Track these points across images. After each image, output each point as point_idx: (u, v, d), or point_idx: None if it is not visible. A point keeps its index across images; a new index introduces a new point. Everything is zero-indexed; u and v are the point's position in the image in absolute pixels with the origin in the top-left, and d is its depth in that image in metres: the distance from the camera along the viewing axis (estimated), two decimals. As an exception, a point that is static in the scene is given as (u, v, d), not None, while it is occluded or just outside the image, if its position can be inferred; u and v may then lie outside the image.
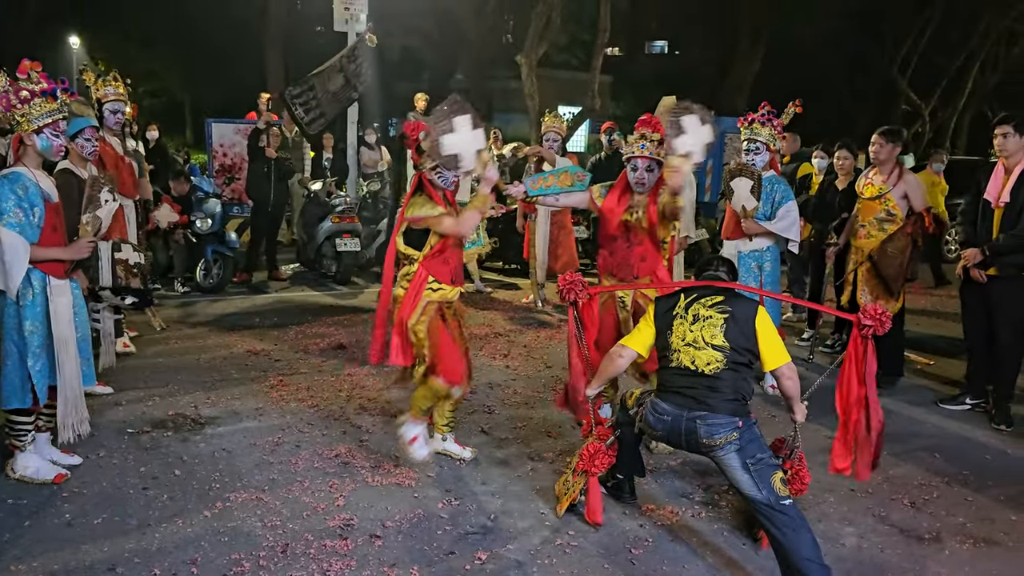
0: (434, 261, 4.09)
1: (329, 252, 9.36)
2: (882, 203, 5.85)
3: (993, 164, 5.36)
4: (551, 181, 4.63)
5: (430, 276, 4.10)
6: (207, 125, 11.70)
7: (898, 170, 5.85)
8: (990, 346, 5.44)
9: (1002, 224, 5.18)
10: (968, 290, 5.52)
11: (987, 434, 5.22)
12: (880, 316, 3.38)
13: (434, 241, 4.08)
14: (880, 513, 4.04)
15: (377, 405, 5.27)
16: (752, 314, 3.46)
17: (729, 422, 3.33)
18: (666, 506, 4.00)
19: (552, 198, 4.66)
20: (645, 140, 4.37)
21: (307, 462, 4.34)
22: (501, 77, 23.66)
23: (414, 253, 4.11)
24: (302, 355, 6.37)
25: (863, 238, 5.96)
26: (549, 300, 8.45)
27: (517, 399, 5.53)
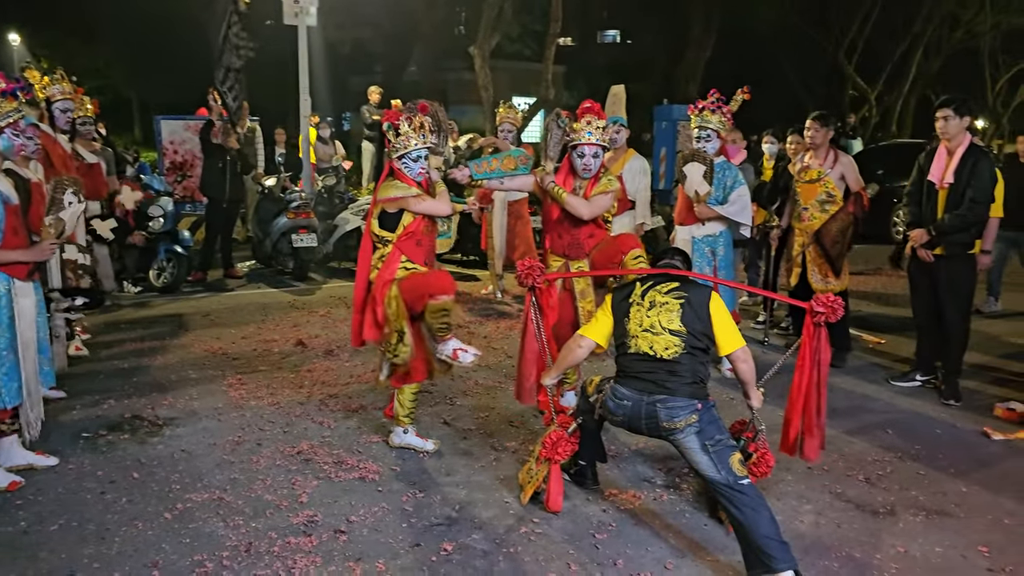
0: (407, 242, 4.14)
1: (285, 248, 9.26)
2: (821, 185, 6.03)
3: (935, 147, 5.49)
4: (495, 165, 4.65)
5: (403, 256, 4.14)
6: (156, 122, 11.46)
7: (833, 153, 6.03)
8: (938, 324, 5.58)
9: (947, 204, 5.31)
10: (915, 269, 5.66)
11: (937, 409, 5.37)
12: (832, 304, 3.45)
13: (407, 221, 4.13)
14: (836, 490, 4.13)
15: (338, 401, 5.24)
16: (706, 299, 3.51)
17: (688, 405, 3.37)
18: (628, 490, 4.04)
19: (496, 181, 4.68)
20: (591, 127, 4.42)
21: (268, 460, 4.30)
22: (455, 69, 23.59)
23: (388, 235, 4.16)
24: (261, 353, 6.31)
25: (807, 220, 6.10)
26: (508, 290, 8.46)
27: (479, 390, 5.54)
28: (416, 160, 4.11)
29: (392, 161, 4.17)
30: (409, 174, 4.13)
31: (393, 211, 4.12)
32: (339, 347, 6.46)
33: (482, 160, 4.69)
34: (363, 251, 4.30)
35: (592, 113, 4.45)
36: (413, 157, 4.11)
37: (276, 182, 9.83)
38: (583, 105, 4.52)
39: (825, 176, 5.99)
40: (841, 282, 6.04)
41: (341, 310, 7.74)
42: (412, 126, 4.10)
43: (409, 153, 4.11)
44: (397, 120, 4.11)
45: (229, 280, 9.23)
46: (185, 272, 8.57)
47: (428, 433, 4.67)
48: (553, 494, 3.75)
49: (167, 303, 8.00)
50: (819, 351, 3.50)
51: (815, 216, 6.03)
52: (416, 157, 4.11)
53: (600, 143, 4.45)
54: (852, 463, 4.46)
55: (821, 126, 6.02)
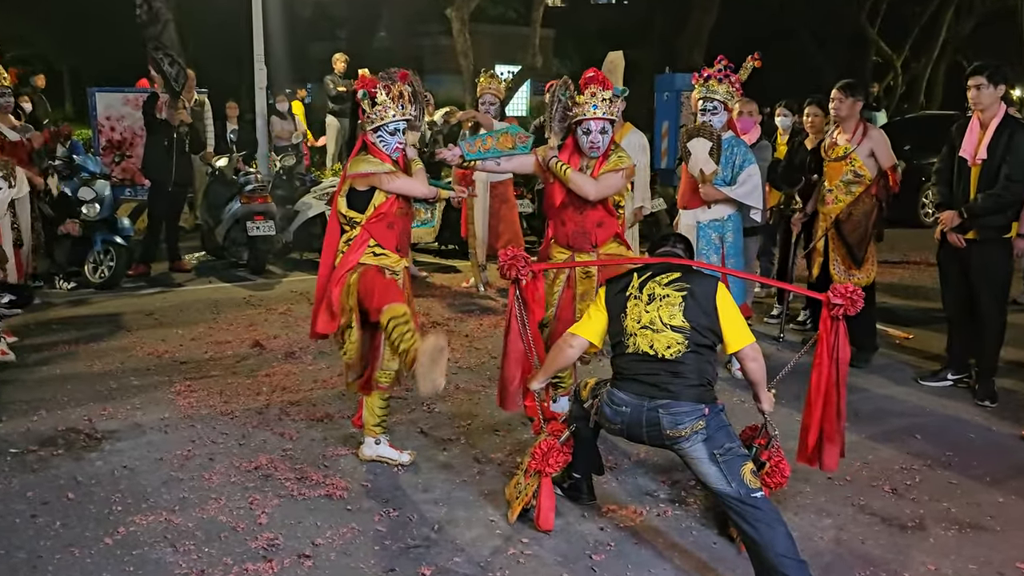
0: (378, 224, 4.14)
1: (239, 237, 9.23)
2: (847, 163, 5.99)
3: (968, 119, 5.53)
4: (490, 143, 4.63)
5: (372, 239, 4.13)
6: (90, 95, 11.37)
7: (862, 126, 5.99)
8: (971, 317, 5.63)
9: (980, 183, 5.35)
10: (946, 256, 5.71)
11: (970, 411, 5.42)
12: (851, 295, 3.48)
13: (379, 201, 4.13)
14: (859, 502, 4.17)
15: (301, 409, 5.23)
16: (712, 291, 3.52)
17: (694, 410, 3.39)
18: (628, 506, 4.06)
19: (492, 162, 4.67)
20: (596, 100, 4.41)
21: (223, 477, 4.29)
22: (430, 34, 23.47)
23: (357, 216, 4.15)
24: (212, 356, 6.29)
25: (831, 203, 6.10)
26: (492, 283, 8.47)
27: (460, 395, 5.54)
28: (393, 133, 4.13)
29: (366, 134, 4.17)
30: (384, 148, 4.14)
31: (363, 189, 4.13)
32: (301, 348, 6.45)
33: (476, 139, 4.67)
34: (329, 234, 4.30)
35: (596, 83, 4.44)
36: (390, 130, 4.12)
37: (228, 163, 9.79)
38: (586, 75, 4.51)
39: (851, 153, 5.96)
40: (866, 274, 6.03)
41: (303, 307, 7.73)
42: (390, 95, 4.10)
43: (386, 125, 4.11)
44: (374, 88, 4.11)
45: (175, 274, 9.19)
46: (125, 265, 8.52)
47: (403, 444, 4.66)
48: (544, 511, 3.76)
49: (105, 300, 7.95)
50: (837, 347, 3.53)
51: (840, 199, 6.03)
52: (393, 130, 4.13)
53: (607, 116, 4.44)
54: (877, 472, 4.50)
55: (847, 96, 5.98)
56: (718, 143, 5.57)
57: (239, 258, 9.40)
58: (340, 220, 4.21)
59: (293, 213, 9.84)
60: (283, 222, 9.73)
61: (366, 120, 4.14)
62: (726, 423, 3.45)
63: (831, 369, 3.55)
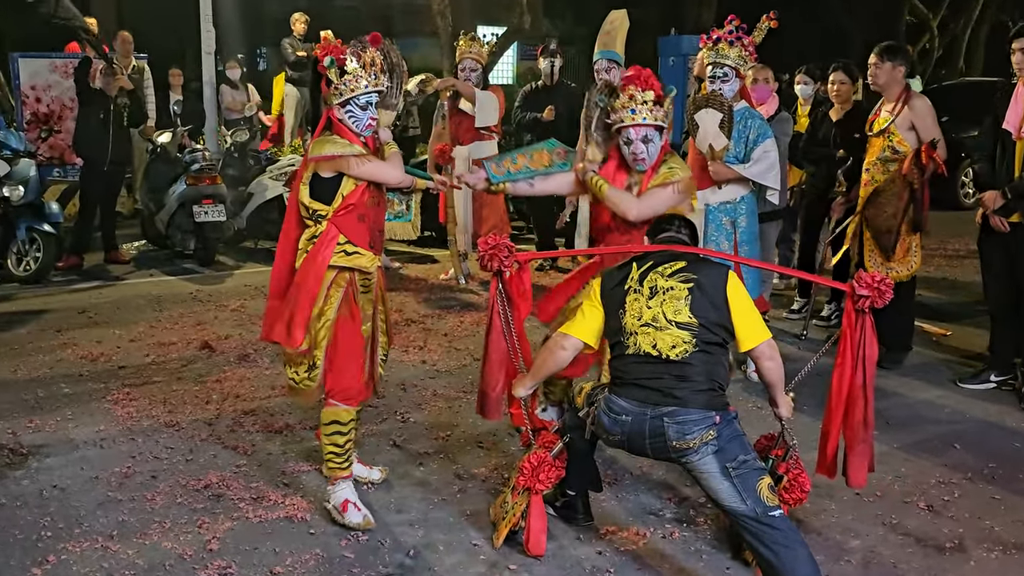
0: (347, 217, 4.01)
1: (184, 224, 9.20)
2: (885, 138, 5.98)
3: (1013, 86, 5.55)
4: (521, 162, 4.52)
5: (341, 235, 4.02)
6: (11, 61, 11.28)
7: (904, 96, 5.97)
8: (1017, 310, 5.67)
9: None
10: (988, 242, 5.73)
11: (1016, 417, 5.46)
12: (879, 284, 3.49)
13: (347, 190, 4.01)
14: (891, 520, 4.19)
15: (257, 419, 5.23)
16: (722, 281, 3.52)
17: (704, 418, 3.39)
18: (630, 527, 4.07)
19: (525, 184, 4.56)
20: (635, 103, 4.24)
21: (168, 497, 4.28)
22: (402, -10, 23.38)
23: (322, 207, 4.01)
24: (155, 360, 6.28)
25: (867, 184, 6.08)
26: (474, 275, 8.47)
27: (438, 402, 5.55)
28: (365, 107, 4.01)
29: (332, 109, 4.05)
30: (355, 126, 4.03)
31: (329, 175, 4.00)
32: (256, 351, 6.43)
33: (504, 157, 4.56)
34: (287, 226, 4.20)
35: (636, 83, 4.28)
36: (361, 103, 4.00)
37: (172, 138, 9.74)
38: (625, 74, 4.40)
39: (890, 125, 5.93)
40: (906, 267, 6.00)
41: (258, 303, 7.70)
42: (361, 63, 4.02)
43: (356, 98, 3.99)
44: (343, 56, 4.01)
45: (112, 266, 9.17)
46: (54, 256, 8.49)
47: (373, 459, 4.66)
48: (534, 533, 3.77)
49: (31, 297, 7.92)
50: (863, 345, 3.54)
51: (876, 180, 6.02)
52: (365, 103, 4.01)
53: (653, 123, 4.26)
54: (911, 487, 4.52)
55: (884, 61, 5.96)
56: (729, 114, 5.56)
57: (185, 247, 9.36)
58: (302, 213, 4.08)
59: (246, 196, 9.81)
60: (235, 206, 9.70)
61: (332, 93, 4.02)
62: (740, 432, 3.46)
63: (856, 370, 3.56)
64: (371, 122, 4.06)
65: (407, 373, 6.03)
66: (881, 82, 5.98)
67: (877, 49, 6.04)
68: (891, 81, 5.96)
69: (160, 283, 8.58)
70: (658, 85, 4.29)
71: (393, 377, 5.81)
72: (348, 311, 4.07)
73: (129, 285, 8.49)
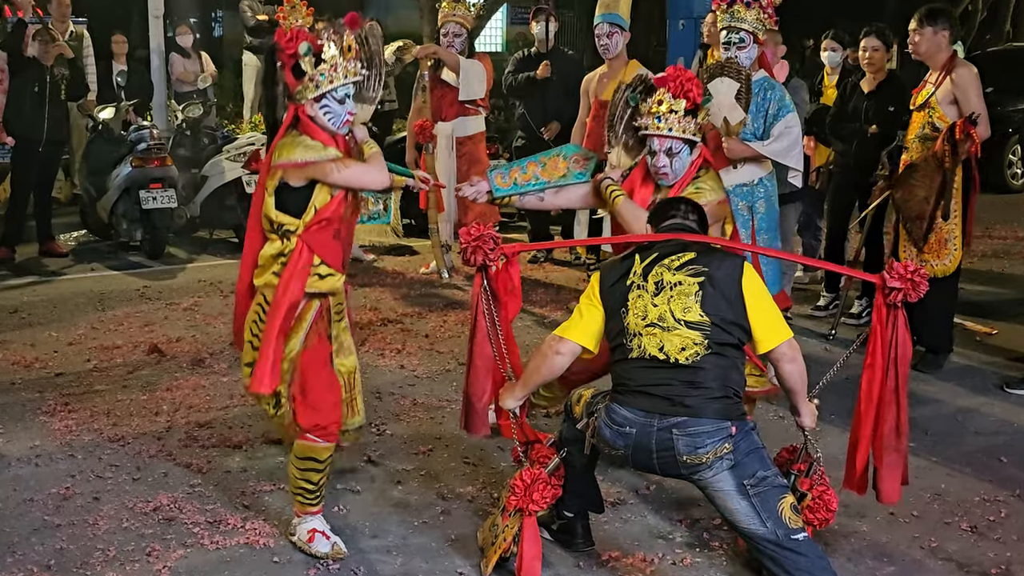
0: (321, 234, 3.87)
1: (130, 211, 9.17)
2: (926, 114, 5.99)
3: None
4: (531, 172, 4.46)
5: (315, 256, 3.88)
6: (-68, 27, 11.24)
7: (948, 65, 5.97)
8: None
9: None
10: (1039, 229, 5.75)
11: (1070, 426, 5.49)
12: (912, 276, 3.50)
13: (321, 201, 3.85)
14: (931, 543, 4.20)
15: (213, 432, 5.22)
16: (736, 274, 3.53)
17: (718, 429, 3.40)
18: (636, 552, 4.07)
19: (534, 197, 4.53)
20: (662, 110, 4.21)
21: (112, 521, 4.27)
22: (376, -55, 23.36)
23: (291, 222, 3.86)
24: (97, 366, 6.27)
25: (904, 166, 6.11)
26: (459, 269, 8.46)
27: (418, 412, 5.55)
28: (343, 101, 3.88)
29: (301, 105, 3.88)
30: (332, 122, 3.88)
31: (300, 184, 3.85)
32: (212, 354, 6.43)
33: (512, 166, 4.48)
34: (249, 241, 4.05)
35: (670, 86, 4.23)
36: (339, 97, 3.87)
37: (115, 114, 9.71)
38: (666, 74, 4.32)
39: (931, 98, 5.95)
40: (943, 260, 6.01)
41: (214, 300, 7.69)
42: (340, 49, 3.87)
43: (334, 91, 3.85)
44: (319, 43, 3.83)
45: (48, 259, 9.13)
46: (-19, 249, 8.45)
47: (345, 477, 4.66)
48: (527, 560, 3.75)
49: (-44, 295, 7.87)
50: (896, 343, 3.55)
51: (915, 158, 6.05)
52: (343, 97, 3.88)
53: (681, 136, 4.22)
54: (952, 506, 4.54)
55: (925, 26, 5.96)
56: (747, 85, 5.56)
57: (130, 238, 9.34)
58: (265, 227, 3.95)
59: (200, 180, 9.78)
60: (187, 191, 9.68)
61: (307, 86, 3.85)
62: (758, 444, 3.47)
63: (887, 371, 3.58)
64: (349, 118, 3.93)
65: (383, 379, 6.03)
66: (923, 50, 5.99)
67: (917, 14, 6.04)
68: (934, 48, 5.96)
69: (103, 278, 8.54)
70: (697, 92, 4.23)
71: (368, 384, 5.77)
72: (316, 341, 4.00)
73: (67, 281, 8.45)
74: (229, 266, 8.61)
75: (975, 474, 4.86)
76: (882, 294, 3.57)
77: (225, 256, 9.20)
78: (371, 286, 8.11)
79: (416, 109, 8.42)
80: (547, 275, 8.34)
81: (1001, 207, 11.10)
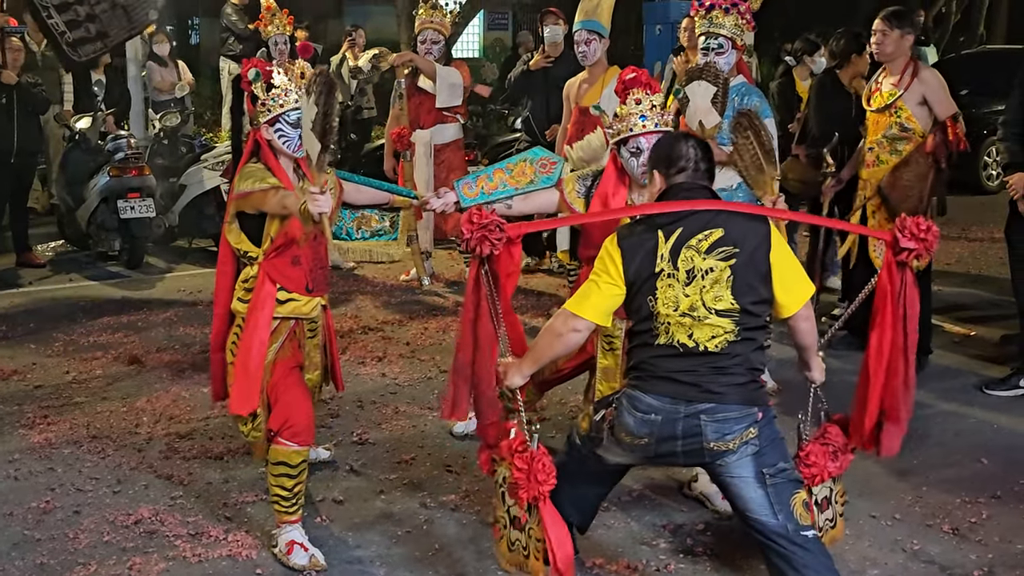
0: (278, 261, 4.00)
1: (108, 221, 9.11)
2: (892, 114, 6.05)
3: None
4: (497, 179, 4.41)
5: (276, 283, 4.01)
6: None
7: (912, 67, 6.03)
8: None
9: (1058, 137, 5.44)
10: (1017, 230, 5.78)
11: (1050, 427, 5.50)
12: (925, 234, 3.46)
13: (274, 230, 3.97)
14: (913, 546, 4.22)
15: (194, 443, 5.20)
16: (765, 248, 3.43)
17: (745, 415, 3.37)
18: (620, 559, 4.07)
19: (502, 205, 4.45)
20: (643, 108, 4.23)
21: (93, 535, 4.25)
22: (353, -48, 23.35)
23: (252, 249, 4.04)
24: (76, 378, 6.24)
25: (871, 166, 6.15)
26: (440, 275, 8.45)
27: (400, 421, 5.54)
28: (296, 125, 4.00)
29: (259, 130, 4.05)
30: (287, 146, 4.04)
31: (254, 213, 4.02)
32: (193, 365, 6.40)
33: (478, 175, 4.43)
34: (222, 265, 4.20)
35: (640, 86, 4.27)
36: (292, 120, 4.00)
37: (92, 123, 9.65)
38: (623, 75, 4.35)
39: (897, 100, 6.00)
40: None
41: (194, 310, 7.67)
42: (291, 76, 4.05)
43: (286, 114, 4.01)
44: (269, 70, 4.01)
45: (25, 270, 9.06)
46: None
47: (327, 487, 4.66)
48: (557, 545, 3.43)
49: (-67, 307, 7.81)
50: (904, 299, 3.53)
51: (883, 160, 6.07)
52: (296, 120, 3.99)
53: (665, 128, 4.23)
54: (933, 508, 4.55)
55: (892, 28, 6.02)
56: (724, 89, 5.57)
57: (109, 248, 9.28)
58: (234, 252, 4.14)
59: (178, 189, 9.74)
60: (165, 200, 9.63)
61: (259, 110, 4.03)
62: (778, 434, 3.47)
63: (897, 327, 3.56)
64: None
65: (364, 388, 6.01)
66: (888, 51, 6.04)
67: (884, 14, 6.10)
68: (899, 51, 6.02)
69: (81, 289, 8.50)
70: (658, 86, 4.31)
71: (349, 392, 5.77)
72: (291, 351, 4.16)
73: (45, 292, 8.41)
74: (208, 275, 8.55)
75: (956, 476, 4.88)
76: (892, 251, 3.53)
77: (204, 265, 9.15)
78: (351, 294, 8.09)
79: (394, 117, 8.40)
80: (527, 281, 8.33)
81: (977, 207, 11.17)
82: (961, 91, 12.41)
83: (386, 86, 9.65)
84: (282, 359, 4.10)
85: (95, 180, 9.16)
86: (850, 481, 4.56)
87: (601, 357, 4.45)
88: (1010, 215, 5.77)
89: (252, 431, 4.12)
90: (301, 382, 4.18)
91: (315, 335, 4.26)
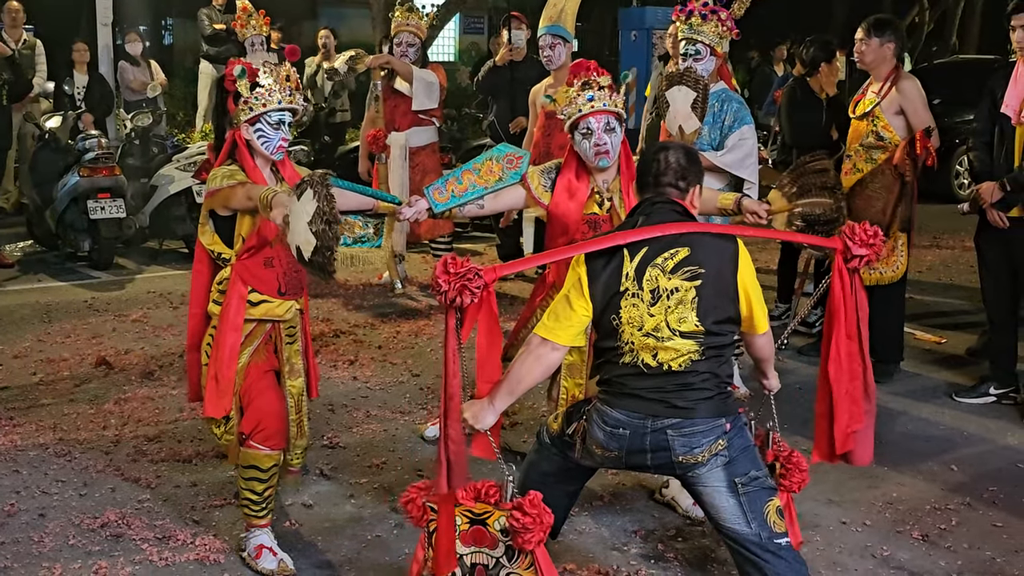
0: (251, 263, 3.99)
1: (78, 222, 9.06)
2: (870, 123, 6.06)
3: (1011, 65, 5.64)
4: (467, 181, 4.40)
5: (248, 285, 4.00)
6: None
7: (893, 76, 6.05)
8: (1017, 314, 5.75)
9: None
10: (986, 239, 5.82)
11: (1019, 435, 5.53)
12: (872, 238, 3.53)
13: (245, 230, 3.97)
14: (882, 552, 4.24)
15: (162, 446, 5.17)
16: (731, 267, 3.44)
17: (713, 428, 3.38)
18: (591, 564, 4.07)
19: (474, 206, 4.49)
20: (591, 89, 4.25)
21: (58, 538, 4.22)
22: (328, -47, 23.31)
23: (225, 251, 4.04)
24: (43, 379, 6.20)
25: (848, 173, 6.14)
26: (412, 278, 8.43)
27: (371, 425, 5.53)
28: (276, 127, 4.02)
29: (238, 129, 4.04)
30: (265, 147, 4.03)
31: (226, 213, 4.03)
32: (162, 367, 6.37)
33: (447, 178, 4.39)
34: (198, 265, 4.19)
35: (584, 70, 4.30)
36: (273, 121, 4.01)
37: (62, 123, 9.59)
38: (571, 67, 4.40)
39: (875, 108, 6.01)
40: (892, 268, 6.07)
41: (163, 312, 7.62)
42: (276, 77, 4.04)
43: (268, 114, 4.00)
44: (255, 69, 4.01)
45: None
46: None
47: (297, 491, 4.65)
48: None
49: (-102, 307, 7.74)
50: (857, 305, 3.60)
51: (858, 168, 6.09)
52: (277, 121, 4.02)
53: (615, 110, 4.25)
54: (903, 514, 4.58)
55: (871, 36, 6.02)
56: (704, 94, 5.58)
57: (78, 248, 9.22)
58: (208, 254, 4.14)
59: (150, 189, 9.68)
60: (136, 201, 9.57)
61: (241, 109, 4.02)
62: (750, 442, 3.49)
63: (851, 332, 3.61)
64: (282, 143, 4.08)
65: (335, 391, 5.99)
66: (868, 60, 6.05)
67: (865, 24, 6.11)
68: (879, 59, 6.03)
69: (49, 290, 8.44)
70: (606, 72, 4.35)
71: (320, 396, 5.72)
72: (265, 355, 4.16)
73: (13, 292, 8.34)
74: (179, 277, 8.53)
75: (926, 482, 4.91)
76: (842, 258, 3.58)
77: (175, 267, 9.11)
78: (324, 297, 8.06)
79: (369, 119, 8.40)
80: (500, 286, 8.30)
81: (948, 217, 11.21)
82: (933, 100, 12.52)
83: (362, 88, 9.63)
84: (256, 362, 4.10)
85: (65, 180, 9.10)
86: (820, 488, 4.61)
87: (566, 353, 4.44)
88: (979, 224, 5.81)
89: (225, 434, 4.11)
90: (274, 386, 4.16)
91: (295, 340, 4.24)
